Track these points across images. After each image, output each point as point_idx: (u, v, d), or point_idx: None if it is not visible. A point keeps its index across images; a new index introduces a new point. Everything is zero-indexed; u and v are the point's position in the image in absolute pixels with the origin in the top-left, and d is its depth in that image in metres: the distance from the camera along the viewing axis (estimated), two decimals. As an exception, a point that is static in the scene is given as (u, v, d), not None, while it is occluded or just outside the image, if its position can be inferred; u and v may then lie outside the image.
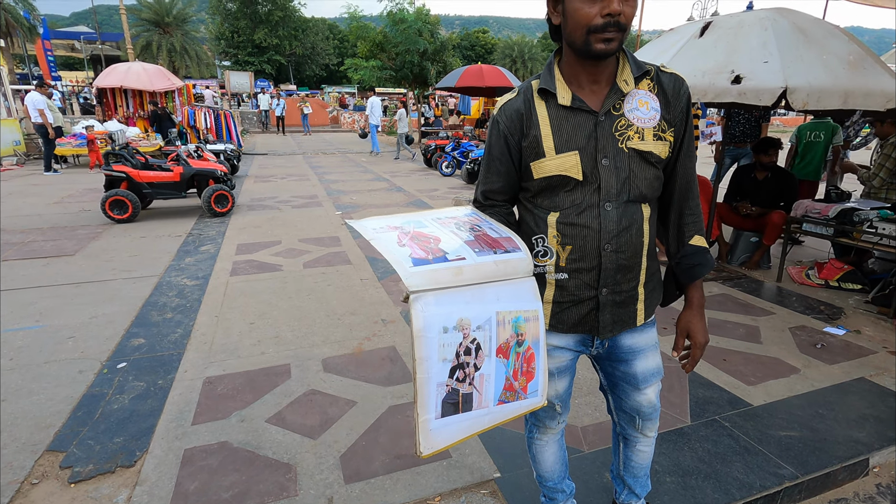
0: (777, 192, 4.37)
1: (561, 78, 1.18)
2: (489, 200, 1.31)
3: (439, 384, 1.01)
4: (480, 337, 1.05)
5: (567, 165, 1.17)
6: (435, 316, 0.99)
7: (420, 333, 0.98)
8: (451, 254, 1.06)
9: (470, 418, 1.07)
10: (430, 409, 1.01)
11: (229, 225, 5.93)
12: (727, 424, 2.23)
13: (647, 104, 1.17)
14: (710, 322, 3.33)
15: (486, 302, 1.06)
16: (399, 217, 1.20)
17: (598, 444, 2.10)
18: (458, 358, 1.03)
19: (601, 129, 1.16)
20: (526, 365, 1.14)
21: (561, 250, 1.21)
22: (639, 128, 1.17)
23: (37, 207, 6.68)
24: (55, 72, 27.13)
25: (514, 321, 1.10)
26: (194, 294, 3.76)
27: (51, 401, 2.39)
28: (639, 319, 1.30)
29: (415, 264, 1.00)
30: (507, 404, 1.13)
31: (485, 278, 1.07)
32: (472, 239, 1.13)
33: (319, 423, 2.24)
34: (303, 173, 10.40)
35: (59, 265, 4.39)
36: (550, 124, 1.17)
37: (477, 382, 1.06)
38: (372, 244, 1.06)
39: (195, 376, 2.62)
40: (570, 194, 1.19)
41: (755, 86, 2.98)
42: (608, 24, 1.03)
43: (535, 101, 1.20)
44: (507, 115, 1.22)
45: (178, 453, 2.03)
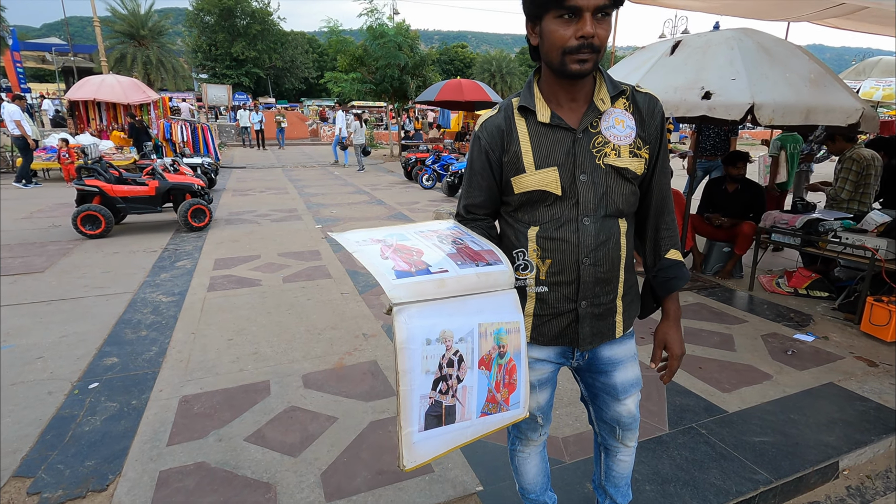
0: (747, 204, 4.52)
1: (540, 96, 1.22)
2: (471, 214, 1.33)
3: (422, 396, 1.01)
4: (463, 349, 1.06)
5: (547, 181, 1.20)
6: (418, 328, 0.99)
7: (403, 345, 0.98)
8: (434, 266, 1.07)
9: (453, 431, 1.07)
10: (413, 421, 1.01)
11: (206, 239, 5.84)
12: (704, 431, 2.28)
13: (622, 122, 1.22)
14: (686, 330, 3.40)
15: (468, 314, 1.07)
16: (382, 230, 1.21)
17: (579, 454, 2.12)
18: (441, 370, 1.03)
19: (579, 146, 1.19)
20: (508, 377, 1.15)
21: (541, 264, 1.24)
22: (615, 145, 1.20)
23: (4, 223, 6.47)
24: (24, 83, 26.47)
25: (496, 333, 1.11)
26: (170, 311, 3.68)
27: (18, 424, 2.31)
28: (618, 332, 1.33)
29: (398, 277, 1.01)
30: (490, 416, 1.13)
31: (467, 290, 1.08)
32: (455, 252, 1.15)
33: (300, 440, 2.21)
34: (282, 186, 10.32)
35: (27, 282, 4.26)
36: (530, 140, 1.21)
37: (460, 394, 1.07)
38: (355, 256, 1.07)
39: (171, 395, 2.56)
40: (549, 209, 1.22)
41: (724, 101, 3.10)
42: (582, 45, 1.07)
43: (515, 117, 1.23)
44: (488, 132, 1.25)
45: (153, 475, 1.98)
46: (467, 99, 12.32)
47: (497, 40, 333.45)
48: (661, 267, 1.32)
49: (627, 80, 3.69)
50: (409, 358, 0.99)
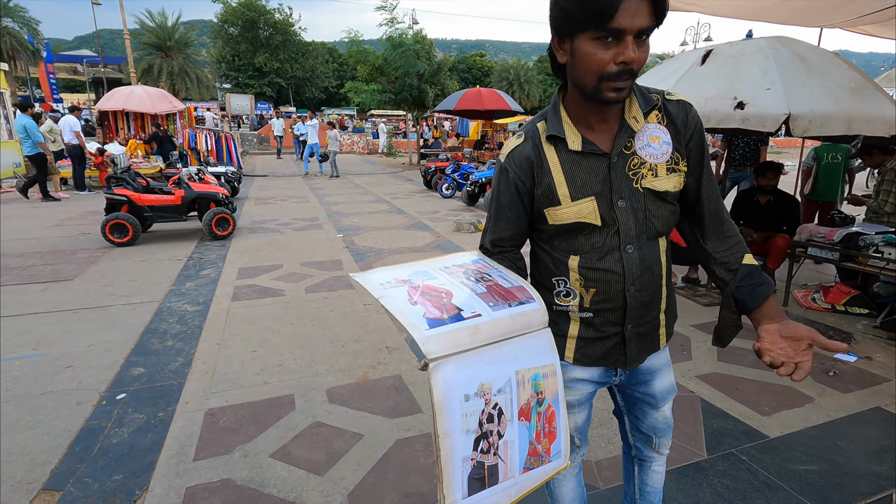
0: (780, 216, 4.37)
1: (568, 120, 1.14)
2: (497, 248, 1.26)
3: (464, 459, 0.93)
4: (502, 401, 0.98)
5: (585, 212, 1.13)
6: (456, 383, 0.92)
7: (442, 405, 0.90)
8: (466, 310, 1.00)
9: (497, 492, 0.99)
10: (457, 488, 0.93)
11: (230, 248, 5.90)
12: (745, 458, 2.17)
13: (658, 139, 1.14)
14: (720, 349, 3.27)
15: (504, 362, 1.00)
16: (406, 268, 1.15)
17: (614, 479, 2.04)
18: (482, 427, 0.95)
19: (615, 171, 1.12)
20: (548, 425, 1.08)
21: (584, 292, 1.18)
22: (651, 164, 1.13)
23: (36, 230, 6.64)
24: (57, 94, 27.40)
25: (534, 379, 1.04)
26: (195, 320, 3.70)
27: (47, 435, 2.32)
28: (661, 343, 1.30)
29: (430, 326, 0.93)
30: (533, 471, 1.06)
31: (502, 335, 1.01)
32: (485, 291, 1.08)
33: (325, 458, 2.18)
34: (303, 195, 10.42)
35: (57, 290, 4.34)
36: (563, 171, 1.13)
37: (501, 452, 0.99)
38: (381, 303, 1.00)
39: (196, 408, 2.55)
40: (588, 238, 1.16)
41: (758, 112, 3.01)
42: (622, 71, 0.98)
43: (543, 146, 1.16)
44: (516, 163, 1.17)
45: (180, 492, 1.96)
46: (487, 108, 12.32)
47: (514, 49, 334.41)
48: (743, 276, 1.18)
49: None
50: (448, 419, 0.91)
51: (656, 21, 0.97)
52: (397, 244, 6.17)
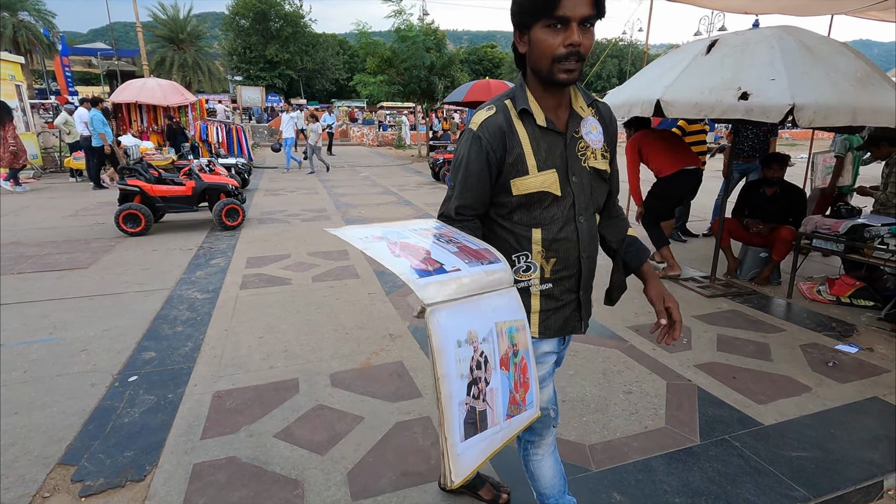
0: (786, 208, 4.35)
1: (533, 100, 1.26)
2: (460, 216, 1.31)
3: (460, 403, 0.99)
4: (487, 349, 1.04)
5: (549, 182, 1.26)
6: (451, 329, 0.97)
7: (440, 348, 0.95)
8: (447, 265, 1.05)
9: (487, 437, 1.04)
10: (456, 432, 0.97)
11: (239, 238, 6.00)
12: (737, 444, 2.21)
13: (596, 129, 1.34)
14: (719, 338, 3.31)
15: (485, 313, 1.06)
16: (378, 227, 1.18)
17: (606, 462, 2.09)
18: (472, 373, 1.01)
19: (569, 150, 1.28)
20: (522, 375, 1.15)
21: (545, 263, 1.31)
22: (593, 149, 1.32)
23: (52, 220, 6.81)
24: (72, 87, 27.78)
25: (509, 331, 1.11)
26: (204, 307, 3.80)
27: (63, 414, 2.43)
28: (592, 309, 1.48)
29: (420, 276, 0.98)
30: (514, 418, 1.12)
31: (481, 289, 1.07)
32: (458, 250, 1.13)
33: (327, 438, 2.25)
34: (312, 187, 10.51)
35: (73, 278, 4.47)
36: (531, 143, 1.25)
37: (489, 398, 1.05)
38: (366, 253, 1.04)
39: (205, 390, 2.64)
40: (547, 210, 1.28)
41: (762, 103, 3.00)
42: (570, 53, 1.13)
43: (514, 119, 1.25)
44: (490, 132, 1.24)
45: (188, 468, 2.05)
46: (496, 99, 12.24)
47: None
48: (629, 243, 1.47)
49: (660, 81, 3.62)
50: (446, 362, 0.96)
51: (598, 12, 1.12)
52: (404, 235, 6.22)
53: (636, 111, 3.57)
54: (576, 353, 3.07)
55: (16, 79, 11.70)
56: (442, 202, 1.34)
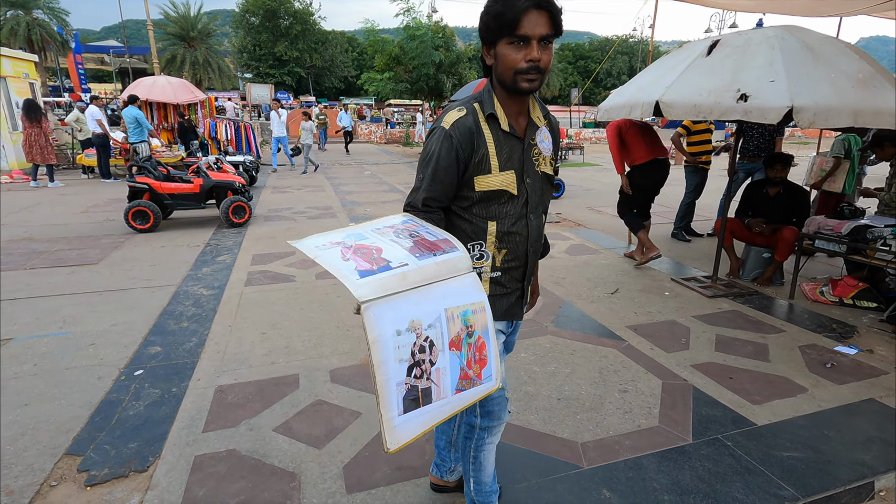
0: (789, 208, 4.34)
1: (500, 106, 1.38)
2: (427, 207, 1.40)
3: (398, 383, 1.08)
4: (433, 334, 1.13)
5: (507, 182, 1.39)
6: (387, 321, 1.05)
7: (375, 339, 1.04)
8: (395, 261, 1.13)
9: (431, 410, 1.15)
10: (393, 407, 1.07)
11: (246, 235, 6.08)
12: (729, 444, 2.23)
13: (548, 138, 1.49)
14: (718, 339, 3.32)
15: (433, 301, 1.14)
16: (340, 232, 1.25)
17: (598, 460, 2.12)
18: (414, 357, 1.10)
19: (526, 154, 1.42)
20: (478, 353, 1.24)
21: (497, 253, 1.45)
22: (544, 156, 1.47)
23: (64, 217, 6.95)
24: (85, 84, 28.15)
25: (463, 315, 1.20)
26: (210, 304, 3.88)
27: (71, 406, 2.50)
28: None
29: (361, 276, 1.06)
30: (465, 392, 1.22)
31: (430, 279, 1.15)
32: (412, 245, 1.21)
33: (325, 433, 2.30)
34: (318, 184, 10.60)
35: (83, 273, 4.57)
36: (495, 145, 1.37)
37: (434, 377, 1.14)
38: (317, 262, 1.11)
39: (207, 385, 2.71)
40: (503, 206, 1.41)
41: (760, 104, 3.00)
42: (531, 67, 1.25)
43: (481, 122, 1.37)
44: (460, 132, 1.34)
45: (189, 459, 2.11)
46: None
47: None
48: (544, 242, 1.65)
49: (661, 81, 3.63)
50: (381, 350, 1.04)
51: (555, 31, 1.25)
52: (408, 233, 6.27)
53: (636, 112, 3.58)
54: (573, 352, 3.10)
55: (29, 76, 11.91)
56: (409, 193, 1.44)
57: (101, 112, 10.14)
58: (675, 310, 3.83)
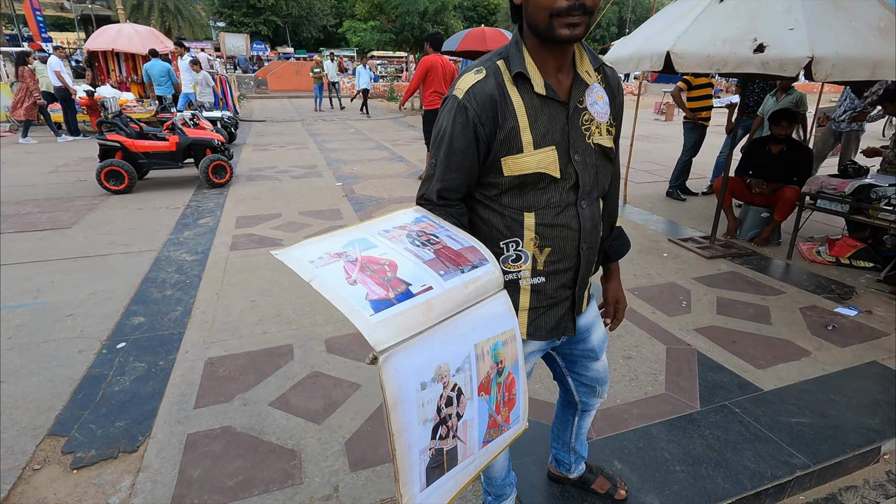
0: (791, 166, 4.24)
1: (531, 61, 1.07)
2: (443, 200, 1.13)
3: (422, 451, 0.85)
4: (461, 380, 0.89)
5: (546, 162, 1.08)
6: (411, 373, 0.80)
7: (396, 401, 0.78)
8: (415, 284, 0.86)
9: (455, 474, 0.92)
10: (414, 482, 0.85)
11: (228, 196, 5.82)
12: (737, 410, 2.20)
13: (602, 98, 1.15)
14: (719, 301, 3.27)
15: (461, 337, 0.89)
16: (339, 237, 0.97)
17: (607, 430, 2.07)
18: (440, 412, 0.86)
19: (571, 123, 1.10)
20: (507, 394, 1.01)
21: (538, 253, 1.14)
22: (598, 122, 1.14)
23: (31, 177, 6.55)
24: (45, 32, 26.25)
25: (493, 349, 0.96)
26: (194, 270, 3.69)
27: (51, 382, 2.36)
28: (587, 301, 1.36)
29: (375, 310, 0.80)
30: (492, 443, 1.00)
31: (457, 307, 0.89)
32: (434, 257, 0.95)
33: (323, 406, 2.21)
34: (301, 142, 10.18)
35: (55, 238, 4.31)
36: (527, 115, 1.06)
37: (461, 433, 0.91)
38: (314, 288, 0.83)
39: (196, 357, 2.58)
40: (543, 192, 1.11)
41: (779, 55, 2.82)
42: (573, 6, 0.95)
43: (507, 85, 1.06)
44: (478, 101, 1.05)
45: (181, 438, 2.01)
46: (491, 49, 11.75)
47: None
48: (616, 235, 1.39)
49: (670, 30, 3.40)
50: (404, 413, 0.79)
51: None
52: (398, 193, 6.07)
53: (645, 65, 3.37)
54: (575, 317, 3.03)
55: (-18, 23, 10.98)
56: (422, 182, 1.17)
57: (61, 63, 9.45)
58: (674, 271, 3.77)
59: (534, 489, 1.77)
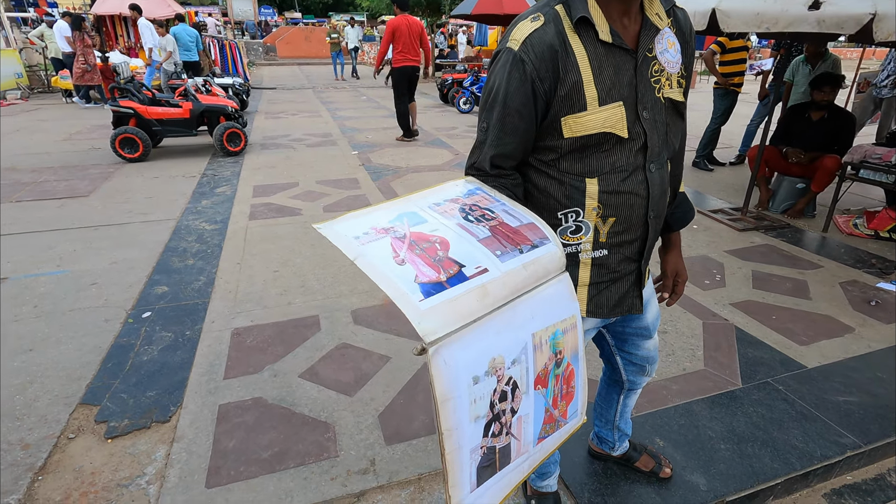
0: (832, 135, 4.03)
1: (595, 4, 0.95)
2: (497, 169, 1.03)
3: (473, 450, 0.78)
4: (516, 373, 0.82)
5: (612, 120, 0.96)
6: (462, 367, 0.73)
7: (447, 397, 0.71)
8: (469, 265, 0.78)
9: (508, 473, 0.86)
10: (465, 483, 0.78)
11: (244, 165, 5.72)
12: (781, 388, 2.12)
13: (674, 45, 1.03)
14: (755, 275, 3.16)
15: (519, 326, 0.81)
16: (386, 210, 0.89)
17: (647, 406, 2.02)
18: (493, 409, 0.79)
19: (640, 75, 0.98)
20: (566, 386, 0.93)
21: (601, 224, 1.04)
22: (669, 73, 1.02)
23: (45, 145, 6.49)
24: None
25: (552, 339, 0.88)
26: (214, 239, 3.64)
27: (79, 351, 2.35)
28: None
29: (426, 294, 0.72)
30: (548, 439, 0.93)
31: (514, 292, 0.81)
32: (489, 235, 0.87)
33: (354, 379, 2.18)
34: (314, 109, 9.98)
35: (74, 206, 4.28)
36: (591, 66, 0.94)
37: (515, 429, 0.84)
38: (359, 266, 0.76)
39: (223, 327, 2.55)
40: (607, 155, 1.00)
41: (836, 12, 2.62)
42: None
43: (568, 33, 0.94)
44: (536, 53, 0.93)
45: (213, 409, 1.98)
46: (507, 13, 11.28)
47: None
48: (679, 202, 1.27)
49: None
50: (454, 410, 0.73)
51: None
52: (415, 162, 5.93)
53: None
54: (605, 290, 2.95)
55: (-13, -14, 10.75)
56: (471, 149, 1.07)
57: (69, 28, 9.25)
58: (705, 244, 3.65)
59: (574, 466, 1.73)
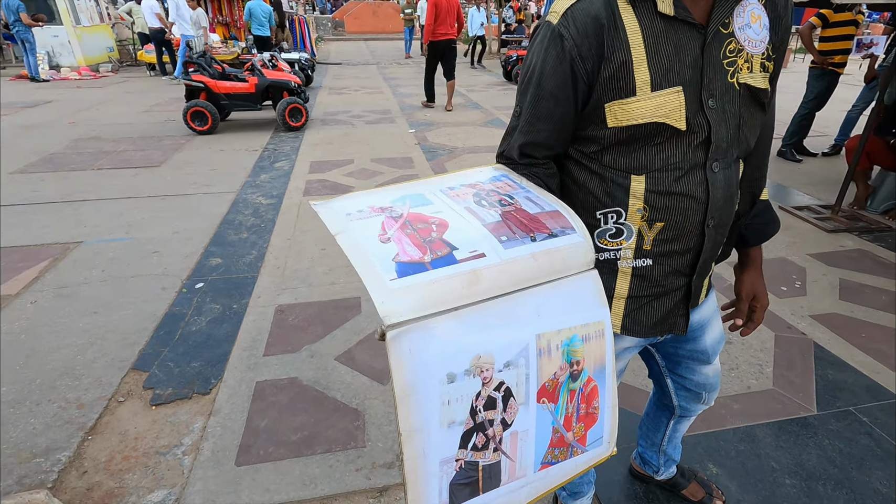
0: (955, 126, 3.46)
1: None
2: (527, 158, 0.91)
3: (445, 461, 0.67)
4: (511, 379, 0.71)
5: (668, 108, 0.80)
6: (434, 360, 0.63)
7: (407, 392, 0.62)
8: (463, 248, 0.70)
9: (496, 498, 0.74)
10: (430, 499, 0.68)
11: (303, 140, 5.82)
12: (865, 419, 1.86)
13: (759, 20, 0.84)
14: (843, 285, 2.80)
15: (518, 322, 0.71)
16: (392, 190, 0.83)
17: (700, 426, 1.83)
18: (476, 416, 0.69)
19: (709, 55, 0.81)
20: (585, 405, 0.80)
21: (646, 228, 0.88)
22: (749, 54, 0.83)
23: (129, 116, 6.93)
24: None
25: (567, 344, 0.75)
26: (268, 214, 3.73)
27: (137, 317, 2.47)
28: (705, 292, 1.08)
29: (400, 274, 0.64)
30: (556, 465, 0.79)
31: (517, 284, 0.70)
32: (499, 220, 0.77)
33: (388, 366, 2.13)
34: (376, 86, 9.99)
35: (146, 176, 4.53)
36: (644, 44, 0.79)
37: (507, 445, 0.73)
38: (338, 242, 0.70)
39: (268, 303, 2.59)
40: (659, 149, 0.83)
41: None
42: None
43: (618, 4, 0.79)
44: (578, 27, 0.79)
45: (251, 385, 2.02)
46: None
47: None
48: (758, 211, 1.07)
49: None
50: (417, 409, 0.63)
51: None
52: (472, 142, 5.78)
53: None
54: (664, 291, 2.72)
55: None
56: (503, 136, 0.95)
57: (158, 5, 9.75)
58: (784, 245, 3.28)
59: (612, 485, 1.60)
